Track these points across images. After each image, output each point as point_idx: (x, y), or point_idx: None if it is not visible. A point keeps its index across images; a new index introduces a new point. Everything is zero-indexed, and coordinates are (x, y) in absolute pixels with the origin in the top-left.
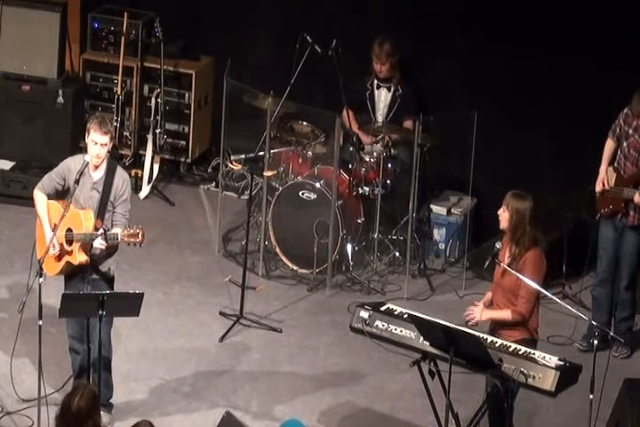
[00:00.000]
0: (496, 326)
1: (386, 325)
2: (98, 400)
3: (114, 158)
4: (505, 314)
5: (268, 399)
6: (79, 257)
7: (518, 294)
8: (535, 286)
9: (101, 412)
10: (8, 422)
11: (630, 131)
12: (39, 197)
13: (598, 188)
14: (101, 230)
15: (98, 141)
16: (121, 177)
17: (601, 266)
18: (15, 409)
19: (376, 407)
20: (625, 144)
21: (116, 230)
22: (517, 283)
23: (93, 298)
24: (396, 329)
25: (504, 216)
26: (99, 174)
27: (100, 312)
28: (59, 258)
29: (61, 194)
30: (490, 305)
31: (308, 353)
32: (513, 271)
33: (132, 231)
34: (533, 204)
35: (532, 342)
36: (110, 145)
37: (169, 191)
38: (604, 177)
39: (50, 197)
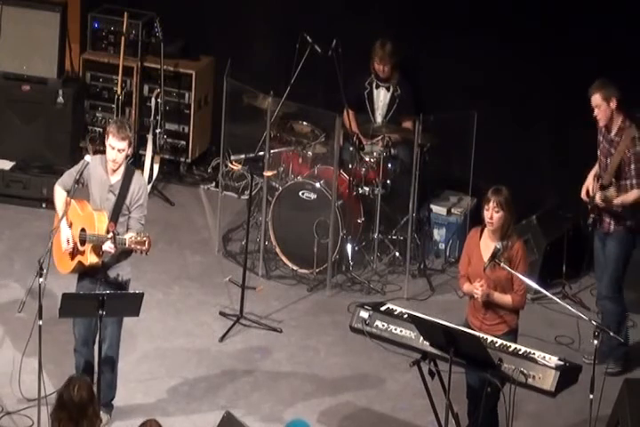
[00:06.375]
0: (475, 321)
1: (386, 325)
2: (93, 389)
3: (131, 163)
4: (507, 299)
5: (269, 399)
6: (90, 258)
7: (512, 287)
8: (535, 285)
9: (100, 412)
10: (8, 422)
11: (600, 137)
12: (58, 192)
13: (583, 195)
14: (111, 234)
15: (115, 146)
16: (138, 182)
17: (596, 278)
18: (15, 409)
19: (376, 407)
20: (598, 151)
21: (127, 235)
22: (509, 277)
23: (93, 298)
24: (396, 329)
25: (498, 216)
26: (116, 178)
27: (100, 312)
28: (71, 256)
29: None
30: (472, 298)
31: (308, 353)
32: (514, 272)
33: (139, 238)
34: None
35: (515, 333)
36: (129, 150)
37: (169, 191)
38: (587, 184)
39: (69, 193)
